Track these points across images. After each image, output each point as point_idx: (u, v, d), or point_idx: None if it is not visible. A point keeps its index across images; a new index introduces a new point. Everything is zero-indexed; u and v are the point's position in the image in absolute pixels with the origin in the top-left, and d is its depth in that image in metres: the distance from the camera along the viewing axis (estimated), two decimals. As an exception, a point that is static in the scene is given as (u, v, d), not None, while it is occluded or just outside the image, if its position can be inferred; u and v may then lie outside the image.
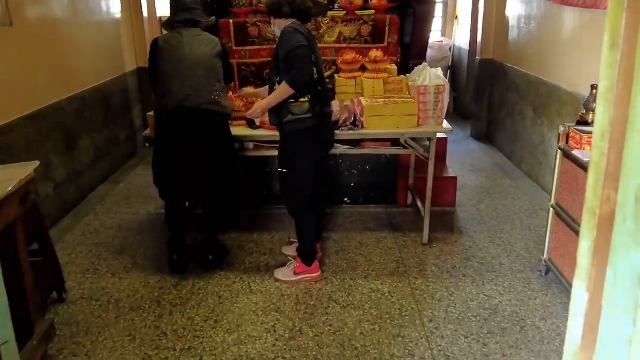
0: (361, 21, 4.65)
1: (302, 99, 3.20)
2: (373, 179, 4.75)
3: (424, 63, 3.99)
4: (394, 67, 4.25)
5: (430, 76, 3.83)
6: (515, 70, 5.84)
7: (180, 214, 3.75)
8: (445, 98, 3.84)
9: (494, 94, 6.57)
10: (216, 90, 3.48)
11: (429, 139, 3.84)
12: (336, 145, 3.92)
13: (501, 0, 6.29)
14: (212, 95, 3.46)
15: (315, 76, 3.21)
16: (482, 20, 6.71)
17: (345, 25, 4.66)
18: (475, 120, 6.93)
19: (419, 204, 4.42)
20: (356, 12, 4.80)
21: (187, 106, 3.41)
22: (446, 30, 8.97)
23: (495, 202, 4.86)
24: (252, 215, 4.65)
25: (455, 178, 4.77)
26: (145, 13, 6.79)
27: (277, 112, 3.28)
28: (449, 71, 8.29)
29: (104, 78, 5.72)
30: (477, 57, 6.80)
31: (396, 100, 3.85)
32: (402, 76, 4.20)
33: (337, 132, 3.74)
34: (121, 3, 6.27)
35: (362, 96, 4.11)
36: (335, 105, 3.99)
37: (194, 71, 3.44)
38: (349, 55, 4.21)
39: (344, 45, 4.69)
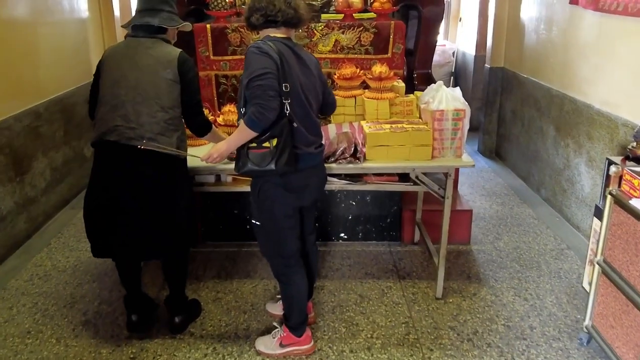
0: (361, 27, 3.94)
1: (265, 144, 2.50)
2: (374, 211, 4.06)
3: (438, 82, 3.28)
4: (402, 84, 3.55)
5: (446, 98, 3.13)
6: (532, 81, 5.15)
7: (134, 267, 3.04)
8: (466, 125, 3.15)
9: (505, 106, 5.89)
10: (157, 122, 2.72)
11: (445, 174, 3.15)
12: (331, 179, 3.23)
13: (515, 1, 5.60)
14: (149, 128, 2.70)
15: (287, 111, 2.49)
16: (492, 23, 6.02)
17: (343, 32, 3.95)
18: (483, 134, 6.25)
19: (428, 243, 3.73)
20: (355, 16, 4.10)
21: (110, 140, 2.68)
22: (449, 33, 8.28)
23: (514, 238, 4.18)
24: (232, 254, 3.95)
25: (470, 211, 4.09)
26: (116, 11, 6.04)
27: (237, 159, 2.60)
28: (451, 77, 7.61)
29: (66, 87, 4.98)
30: (487, 65, 6.12)
31: (405, 126, 3.15)
32: (412, 96, 3.50)
33: (334, 165, 3.05)
34: (87, 0, 5.52)
35: (364, 119, 3.41)
36: (330, 130, 3.29)
37: (131, 95, 2.71)
38: (348, 69, 3.50)
39: (341, 56, 3.99)
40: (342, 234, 4.11)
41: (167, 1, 2.88)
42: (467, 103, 3.16)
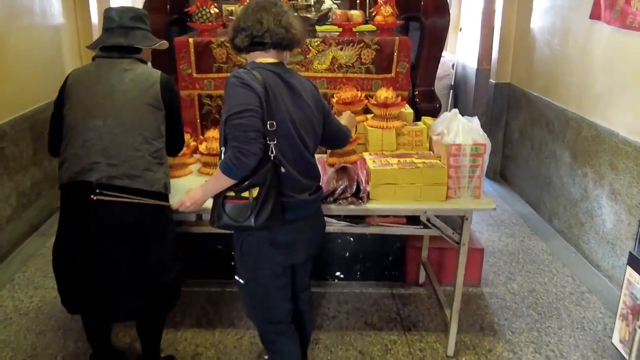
0: (362, 44, 3.52)
1: (244, 194, 2.08)
2: (374, 248, 3.63)
3: (454, 110, 2.86)
4: (409, 110, 3.13)
5: (463, 129, 2.72)
6: (543, 101, 4.75)
7: (103, 323, 2.60)
8: (485, 161, 2.73)
9: (512, 125, 5.49)
10: (142, 156, 2.32)
11: (462, 217, 2.73)
12: (329, 220, 2.80)
13: (524, 11, 5.20)
14: (135, 164, 2.30)
15: (273, 154, 2.07)
16: (497, 35, 5.62)
17: (341, 49, 3.52)
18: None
19: (436, 286, 3.31)
20: (355, 31, 3.68)
21: (89, 181, 2.26)
22: (448, 43, 7.87)
23: (529, 278, 3.77)
24: (215, 296, 3.51)
25: (481, 250, 3.67)
26: (94, 17, 5.54)
27: (212, 209, 2.18)
28: (450, 91, 7.21)
29: (36, 102, 4.52)
30: (492, 81, 5.71)
31: (416, 161, 2.73)
32: (422, 124, 3.08)
33: (332, 206, 2.63)
34: (61, 3, 5.04)
35: (366, 150, 2.99)
36: (329, 169, 2.87)
37: (109, 126, 2.30)
38: (348, 93, 3.08)
39: (339, 75, 3.56)
40: (338, 273, 3.68)
41: (139, 17, 2.46)
42: (486, 136, 2.74)
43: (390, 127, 2.90)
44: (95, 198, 2.17)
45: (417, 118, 3.39)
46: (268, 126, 2.03)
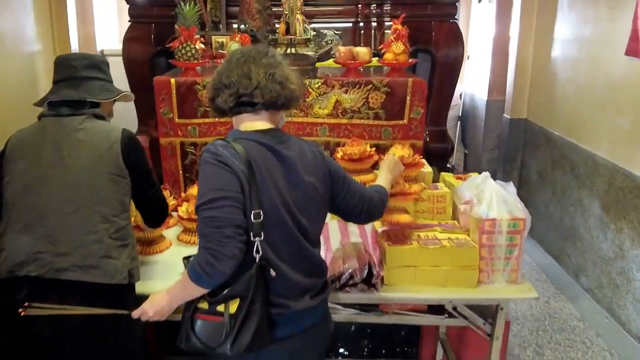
0: (370, 86, 3.03)
1: (219, 309, 1.59)
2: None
3: (484, 173, 2.37)
4: (429, 169, 2.64)
5: (497, 199, 2.22)
6: (567, 142, 4.28)
7: None
8: (524, 238, 2.24)
9: (529, 166, 5.01)
10: (99, 240, 1.83)
11: (496, 306, 2.23)
12: (335, 307, 2.30)
13: (543, 40, 4.75)
14: (90, 251, 1.82)
15: (259, 254, 1.58)
16: (512, 65, 5.16)
17: (346, 92, 3.04)
18: (500, 195, 5.34)
19: (457, 369, 2.81)
20: (361, 70, 3.20)
21: (30, 276, 1.77)
22: (454, 70, 7.42)
23: (560, 353, 3.29)
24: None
25: (507, 323, 3.15)
26: (74, 42, 5.02)
27: (181, 322, 1.68)
28: (458, 122, 6.73)
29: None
30: (506, 116, 5.24)
31: (440, 236, 2.24)
32: (442, 186, 2.59)
33: (340, 294, 2.13)
34: (36, 27, 4.53)
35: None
36: (332, 234, 2.38)
37: (57, 204, 1.83)
38: (355, 147, 2.58)
39: (344, 121, 3.08)
40: (342, 349, 3.16)
41: (96, 65, 1.98)
42: (525, 208, 2.24)
43: (408, 194, 2.40)
44: (22, 313, 1.67)
45: (427, 159, 2.92)
46: (252, 217, 1.55)
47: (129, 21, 4.12)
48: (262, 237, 1.57)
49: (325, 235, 2.34)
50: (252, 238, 1.55)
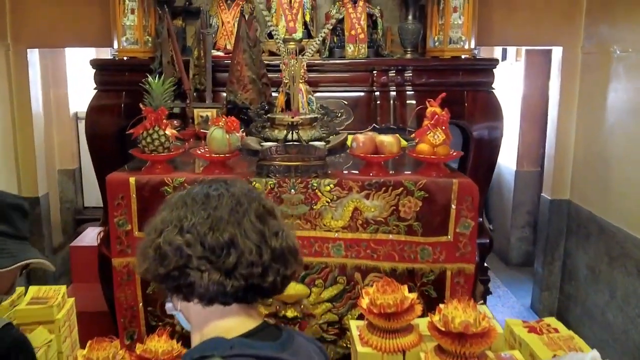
0: (400, 189, 2.20)
1: None
2: None
3: (591, 354, 1.50)
4: (498, 329, 1.77)
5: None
6: (629, 236, 3.43)
7: None
8: None
9: (576, 258, 4.15)
10: None
11: None
12: None
13: (592, 107, 3.95)
14: None
15: None
16: (552, 135, 4.32)
17: (367, 197, 2.21)
18: (540, 288, 4.47)
19: None
20: (387, 166, 2.37)
21: None
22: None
23: None
24: None
25: None
26: (37, 105, 4.12)
27: None
28: (480, 193, 5.90)
29: None
30: (545, 195, 4.39)
31: None
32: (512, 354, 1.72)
33: None
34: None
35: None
36: None
37: None
38: (390, 295, 1.72)
39: (365, 236, 2.24)
40: None
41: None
42: None
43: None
44: None
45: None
46: None
47: (94, 88, 3.34)
48: None
49: None
50: None
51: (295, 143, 2.24)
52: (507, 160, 5.29)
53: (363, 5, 3.40)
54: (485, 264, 3.71)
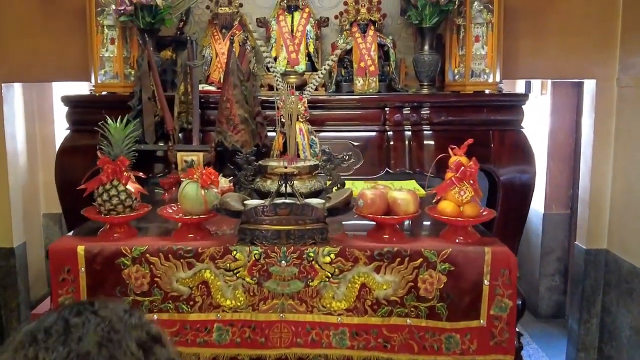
0: (419, 260, 1.72)
1: None
2: None
3: None
4: None
5: None
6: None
7: None
8: None
9: (617, 316, 3.61)
10: None
11: None
12: None
13: (632, 146, 3.46)
14: None
15: None
16: (586, 177, 3.81)
17: (378, 270, 1.73)
18: (577, 347, 3.90)
19: None
20: (403, 230, 1.90)
21: None
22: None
23: None
24: None
25: None
26: (14, 143, 3.64)
27: None
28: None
29: None
30: (580, 244, 3.87)
31: None
32: None
33: None
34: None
35: None
36: None
37: None
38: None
39: (376, 321, 1.75)
40: None
41: None
42: None
43: None
44: None
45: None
46: None
47: (67, 129, 2.92)
48: None
49: None
50: None
51: (287, 201, 1.77)
52: (534, 202, 4.78)
53: (373, 35, 2.97)
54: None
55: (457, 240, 1.82)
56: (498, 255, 1.75)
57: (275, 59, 2.94)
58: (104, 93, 2.80)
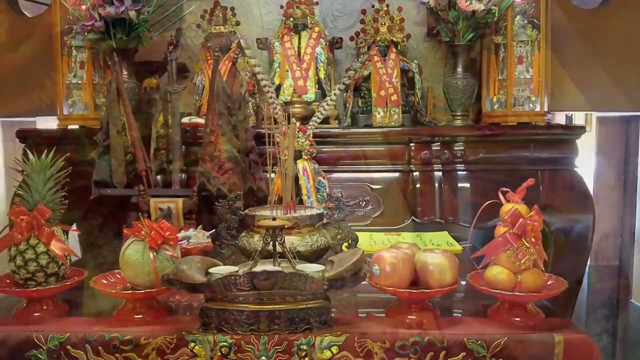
0: (462, 355, 1.14)
1: None
2: None
3: None
4: None
5: None
6: None
7: None
8: None
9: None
10: None
11: None
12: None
13: None
14: None
15: None
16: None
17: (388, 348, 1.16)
18: None
19: None
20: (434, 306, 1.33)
21: None
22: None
23: None
24: None
25: None
26: None
27: None
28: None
29: None
30: (636, 303, 3.26)
31: None
32: None
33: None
34: None
35: None
36: None
37: None
38: None
39: None
40: None
41: None
42: None
43: None
44: None
45: None
46: None
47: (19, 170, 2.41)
48: None
49: None
50: None
51: (270, 269, 1.22)
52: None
53: (395, 59, 2.46)
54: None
55: (514, 324, 1.25)
56: (574, 345, 1.17)
57: (279, 87, 2.45)
58: (71, 127, 2.32)
